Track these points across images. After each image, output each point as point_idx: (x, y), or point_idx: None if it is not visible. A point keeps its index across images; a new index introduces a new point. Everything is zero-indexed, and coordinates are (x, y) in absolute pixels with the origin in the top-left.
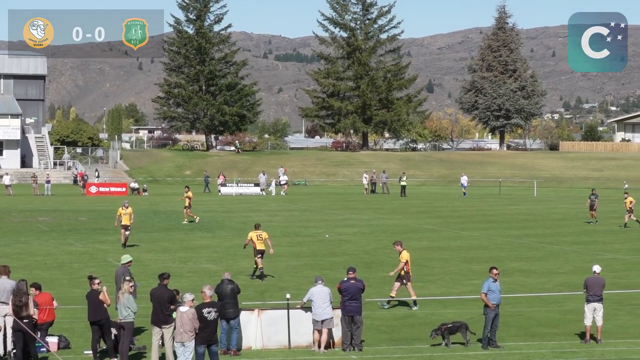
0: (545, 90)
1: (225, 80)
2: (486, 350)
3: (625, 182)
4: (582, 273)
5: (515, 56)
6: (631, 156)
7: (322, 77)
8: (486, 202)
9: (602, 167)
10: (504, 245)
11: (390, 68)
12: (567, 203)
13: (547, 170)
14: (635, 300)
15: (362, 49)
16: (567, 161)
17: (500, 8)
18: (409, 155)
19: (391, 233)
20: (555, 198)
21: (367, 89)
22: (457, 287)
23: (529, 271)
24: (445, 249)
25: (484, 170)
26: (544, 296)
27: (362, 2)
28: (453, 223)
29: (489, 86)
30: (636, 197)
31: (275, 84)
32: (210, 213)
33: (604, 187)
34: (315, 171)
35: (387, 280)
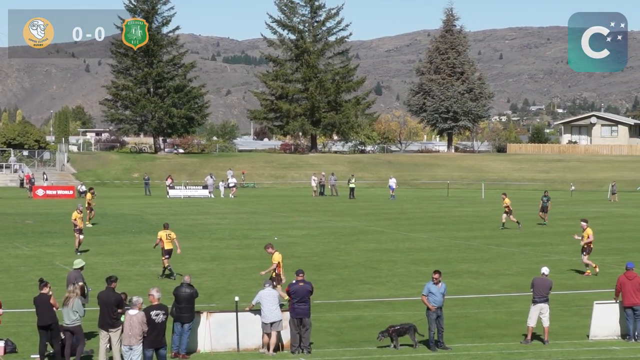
0: (493, 93)
1: (173, 82)
2: (434, 352)
3: (572, 183)
4: (530, 274)
5: (463, 59)
6: (577, 158)
7: (270, 79)
8: (434, 204)
9: (549, 169)
10: (452, 247)
11: (339, 70)
12: (514, 205)
13: (494, 172)
14: (581, 301)
15: (310, 51)
16: (514, 163)
17: (448, 11)
18: (357, 158)
19: (340, 235)
20: None
21: (316, 91)
22: (406, 288)
23: (477, 273)
24: (393, 251)
25: (432, 172)
26: (491, 297)
27: (310, 5)
28: (401, 225)
29: (437, 89)
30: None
31: (223, 86)
32: (158, 216)
33: (551, 189)
34: (263, 173)
35: (336, 282)
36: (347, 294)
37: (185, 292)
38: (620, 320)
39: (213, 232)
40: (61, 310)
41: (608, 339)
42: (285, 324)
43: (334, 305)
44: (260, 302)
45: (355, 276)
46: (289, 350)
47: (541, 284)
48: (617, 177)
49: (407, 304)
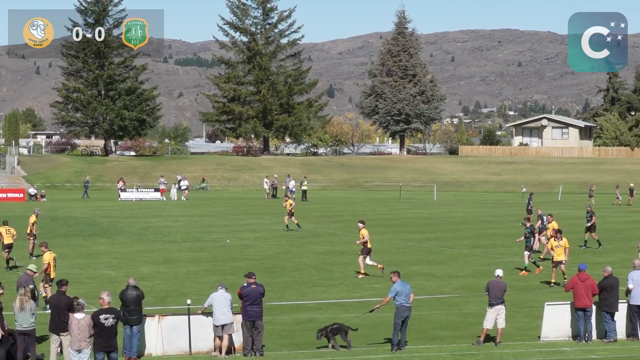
0: (445, 95)
1: (124, 84)
2: (393, 352)
3: (523, 185)
4: (482, 276)
5: (415, 61)
6: (528, 160)
7: (222, 81)
8: (386, 206)
9: (501, 171)
10: (405, 249)
11: (291, 73)
12: (467, 207)
13: (446, 174)
14: (533, 302)
15: (262, 53)
16: (466, 165)
17: (400, 13)
18: (310, 160)
19: (292, 238)
20: (455, 202)
21: (268, 93)
22: (358, 291)
23: (429, 274)
24: (346, 253)
25: (385, 174)
26: (444, 299)
27: (262, 7)
28: (354, 227)
29: (389, 91)
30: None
31: (175, 88)
32: (109, 219)
33: (503, 191)
34: (216, 176)
35: (289, 285)
36: (300, 297)
37: (132, 294)
38: (571, 321)
39: (165, 234)
40: (15, 314)
41: (559, 340)
42: (238, 327)
43: (287, 308)
44: (212, 304)
45: (308, 278)
46: (241, 353)
47: (496, 286)
48: (568, 179)
49: (359, 305)
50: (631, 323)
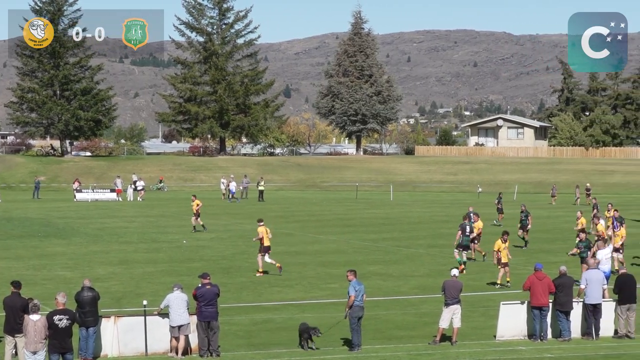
0: (401, 95)
1: (80, 85)
2: (352, 352)
3: (479, 185)
4: (437, 276)
5: (371, 61)
6: (484, 160)
7: (178, 81)
8: (343, 206)
9: (457, 171)
10: (361, 249)
11: (248, 73)
12: (423, 207)
13: (403, 174)
14: (488, 301)
15: (219, 53)
16: (422, 165)
17: (356, 14)
18: (266, 160)
19: (249, 238)
20: (411, 202)
21: (225, 93)
22: (315, 291)
23: (385, 274)
24: (302, 254)
25: (341, 174)
26: (400, 299)
27: (218, 7)
28: (311, 227)
29: (346, 91)
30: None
31: (131, 88)
32: (65, 220)
33: (459, 191)
34: (172, 176)
35: (246, 285)
36: (257, 297)
37: (87, 295)
38: (527, 320)
39: (121, 235)
40: None
41: (514, 339)
42: (194, 328)
43: (244, 309)
44: (168, 305)
45: (265, 279)
46: (197, 353)
47: (452, 286)
48: (524, 179)
49: (316, 306)
50: (586, 322)
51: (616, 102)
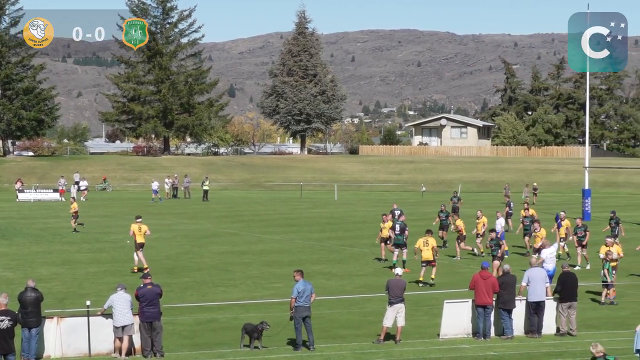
0: (345, 95)
1: (22, 84)
2: (296, 351)
3: (423, 185)
4: (381, 275)
5: (316, 61)
6: (428, 159)
7: (122, 81)
8: (288, 206)
9: (401, 171)
10: (306, 248)
11: (192, 72)
12: (367, 206)
13: (347, 174)
14: (432, 300)
15: (162, 53)
16: (366, 165)
17: (300, 13)
18: (211, 160)
19: (193, 238)
20: (355, 201)
21: (168, 93)
22: (259, 290)
23: (329, 274)
24: (247, 253)
25: (286, 174)
26: (344, 299)
27: (162, 6)
28: (255, 227)
29: (290, 91)
30: (432, 199)
31: (74, 88)
32: (7, 220)
33: (403, 191)
34: (116, 176)
35: (190, 285)
36: (201, 297)
37: (31, 296)
38: (471, 318)
39: (64, 235)
40: None
41: (458, 337)
42: (137, 328)
43: (187, 309)
44: (112, 305)
45: (209, 279)
46: (141, 354)
47: (396, 285)
48: (467, 178)
49: (260, 306)
50: (529, 320)
51: (558, 101)
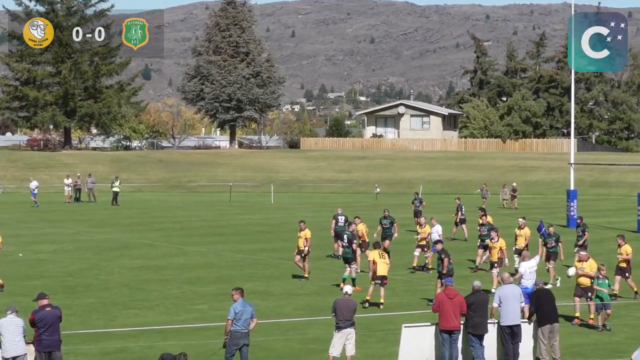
0: (284, 77)
1: None
2: None
3: (377, 185)
4: (327, 294)
5: (248, 36)
6: (383, 154)
7: (14, 60)
8: (214, 211)
9: (351, 168)
10: (236, 262)
11: (99, 50)
12: (310, 211)
13: (286, 172)
14: (388, 324)
15: (63, 26)
16: (309, 161)
17: None
18: (121, 156)
19: (100, 250)
20: (296, 205)
21: (70, 75)
22: (180, 313)
23: (265, 293)
24: (165, 268)
25: (212, 172)
26: (282, 322)
27: None
28: (175, 236)
29: (217, 72)
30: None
31: None
32: None
33: (353, 192)
34: (6, 175)
35: (95, 307)
36: (109, 322)
37: None
38: (435, 345)
39: None
40: None
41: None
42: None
43: (93, 336)
44: (0, 333)
45: (119, 299)
46: None
47: (344, 305)
48: (430, 177)
49: (181, 332)
50: (503, 347)
51: (538, 85)
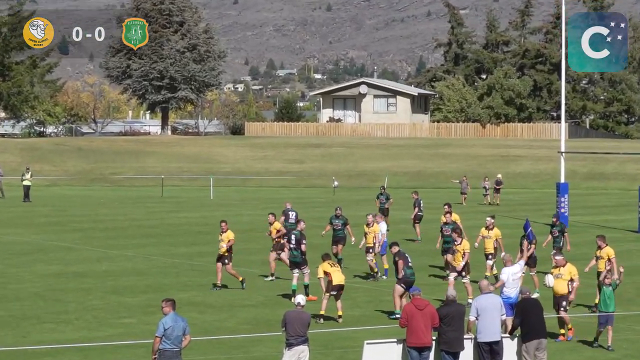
0: (225, 51)
1: None
2: None
3: (334, 178)
4: (276, 306)
5: (183, 3)
6: (342, 142)
7: None
8: (143, 208)
9: (304, 158)
10: (169, 268)
11: (6, 20)
12: (255, 208)
13: (227, 163)
14: (347, 340)
15: None
16: (255, 149)
17: None
18: (34, 143)
19: (9, 254)
20: (239, 201)
21: None
22: (104, 328)
23: (203, 304)
24: (86, 276)
25: (140, 163)
26: (224, 339)
27: None
28: (97, 238)
29: (147, 45)
30: (348, 197)
31: None
32: None
33: (308, 185)
34: None
35: (5, 322)
36: (20, 338)
37: None
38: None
39: None
40: None
41: None
42: None
43: (2, 355)
44: None
45: (32, 312)
46: None
47: (296, 319)
48: (396, 168)
49: (104, 350)
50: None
51: (523, 60)
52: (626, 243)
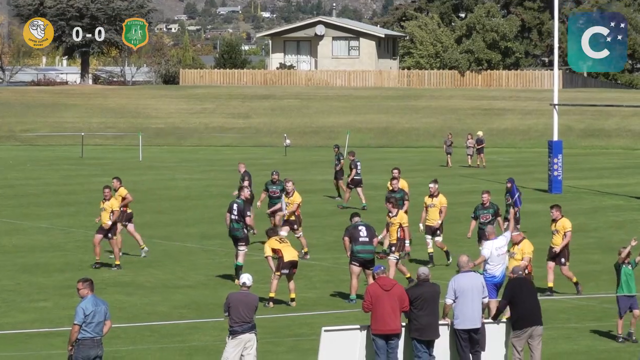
0: None
1: None
2: None
3: (285, 135)
4: (218, 286)
5: None
6: (295, 93)
7: None
8: (60, 172)
9: (249, 112)
10: (90, 242)
11: None
12: (194, 171)
13: (160, 118)
14: (302, 327)
15: None
16: (192, 102)
17: None
18: None
19: None
20: (173, 162)
21: None
22: (13, 314)
23: (132, 285)
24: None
25: (57, 117)
26: (156, 326)
27: None
28: (5, 207)
29: None
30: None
31: None
32: None
33: (253, 144)
34: None
35: None
36: None
37: None
38: (366, 355)
39: None
40: None
41: None
42: None
43: None
44: None
45: None
46: None
47: (242, 302)
48: (359, 124)
49: (15, 339)
50: (459, 356)
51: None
52: (630, 212)
